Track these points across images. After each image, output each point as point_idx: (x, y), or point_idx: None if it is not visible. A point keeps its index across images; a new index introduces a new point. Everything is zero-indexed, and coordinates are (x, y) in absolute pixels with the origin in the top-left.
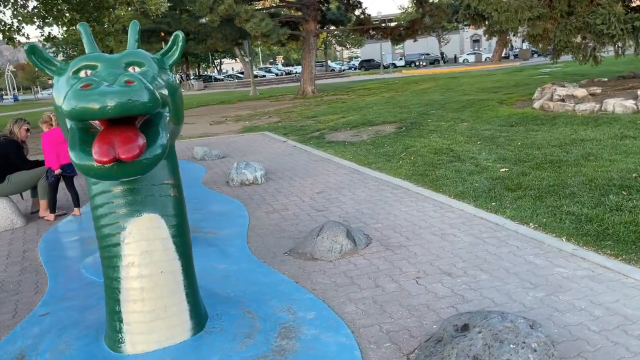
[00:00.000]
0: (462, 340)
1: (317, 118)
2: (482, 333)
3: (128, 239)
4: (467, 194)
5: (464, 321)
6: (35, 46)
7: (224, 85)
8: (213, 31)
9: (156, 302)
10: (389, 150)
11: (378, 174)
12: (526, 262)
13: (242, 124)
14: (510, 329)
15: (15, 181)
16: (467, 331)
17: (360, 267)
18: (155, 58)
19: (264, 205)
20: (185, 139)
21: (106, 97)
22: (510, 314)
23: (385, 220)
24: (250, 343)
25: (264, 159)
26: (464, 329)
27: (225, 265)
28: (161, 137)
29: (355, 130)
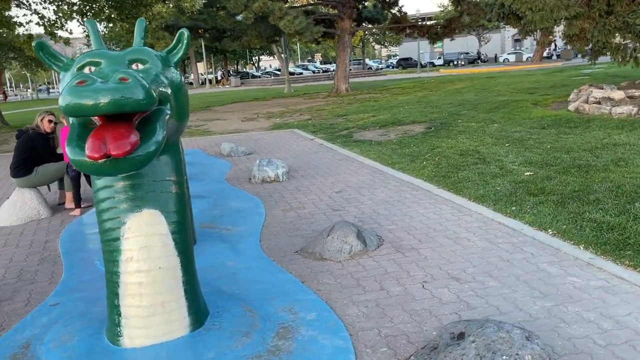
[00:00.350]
0: (455, 349)
1: (347, 116)
2: (475, 342)
3: (128, 234)
4: (487, 197)
5: (460, 329)
6: (43, 42)
7: (260, 82)
8: (248, 28)
9: (154, 298)
10: (414, 150)
11: (400, 174)
12: (539, 270)
13: (273, 121)
14: (504, 340)
15: (42, 173)
16: (462, 340)
17: (368, 268)
18: (160, 55)
19: (282, 203)
20: (215, 135)
21: (99, 93)
22: (507, 324)
23: (401, 222)
24: (246, 342)
25: (289, 156)
26: (460, 337)
27: (234, 262)
28: (157, 134)
29: (384, 129)
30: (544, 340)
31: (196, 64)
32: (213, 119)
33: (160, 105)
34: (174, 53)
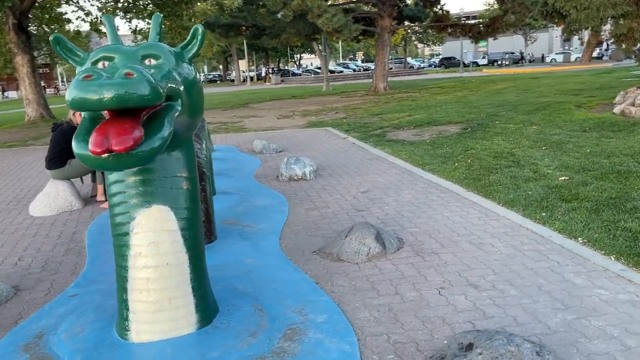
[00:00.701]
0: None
1: (382, 115)
2: (482, 355)
3: (137, 229)
4: (517, 202)
5: (469, 340)
6: (59, 37)
7: (300, 80)
8: (287, 26)
9: (161, 294)
10: (447, 151)
11: (430, 175)
12: (564, 280)
13: (308, 119)
14: (512, 354)
15: (75, 165)
16: (469, 351)
17: (385, 272)
18: (174, 51)
19: (306, 201)
20: (250, 132)
21: (104, 88)
22: (518, 337)
23: (424, 224)
24: (252, 342)
25: (319, 154)
26: (468, 348)
27: (251, 260)
28: (163, 130)
29: (419, 129)
30: (559, 355)
31: (238, 62)
32: (250, 115)
33: (171, 101)
34: (189, 49)
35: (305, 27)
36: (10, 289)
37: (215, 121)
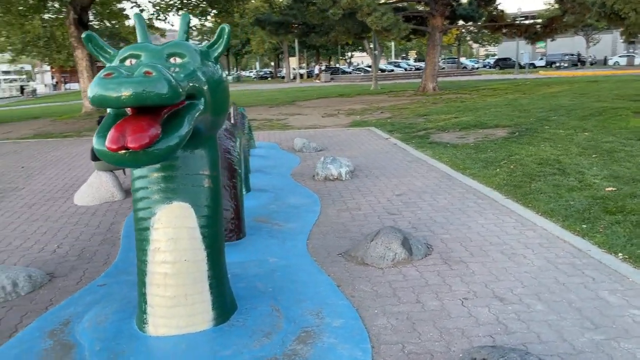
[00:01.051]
0: None
1: (428, 116)
2: None
3: (157, 225)
4: (557, 212)
5: (483, 355)
6: (91, 34)
7: (349, 79)
8: (336, 24)
9: (178, 289)
10: (490, 156)
11: (469, 180)
12: (597, 298)
13: (352, 118)
14: None
15: None
16: None
17: (409, 279)
18: (199, 50)
19: (339, 202)
20: (293, 130)
21: (122, 86)
22: (534, 356)
23: (456, 231)
24: (265, 342)
25: (359, 154)
26: None
27: (276, 260)
28: (181, 129)
29: (464, 132)
30: None
31: (289, 59)
32: (295, 113)
33: (194, 100)
34: (215, 48)
35: (354, 26)
36: (45, 275)
37: (260, 118)
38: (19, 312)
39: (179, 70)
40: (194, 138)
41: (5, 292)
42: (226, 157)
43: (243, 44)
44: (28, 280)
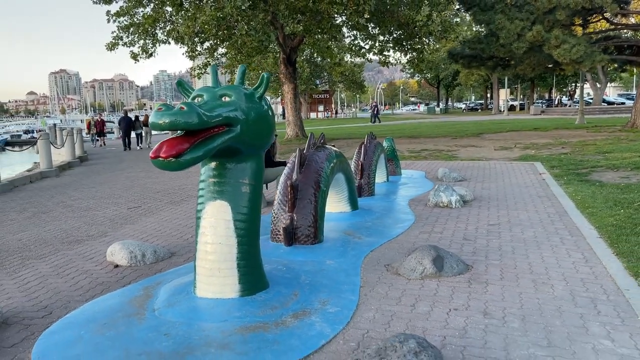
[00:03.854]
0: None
1: (609, 154)
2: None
3: (205, 215)
4: (637, 253)
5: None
6: (181, 80)
7: (562, 112)
8: (522, 57)
9: (213, 264)
10: (630, 197)
11: (579, 218)
12: (580, 327)
13: (526, 152)
14: (394, 348)
15: None
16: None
17: (425, 290)
18: (244, 92)
19: (428, 225)
20: (457, 160)
21: (164, 116)
22: (424, 342)
23: (510, 260)
24: (268, 313)
25: (494, 186)
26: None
27: (332, 262)
28: (207, 146)
29: (635, 171)
30: None
31: (498, 90)
32: (470, 145)
33: (231, 127)
34: (258, 90)
35: (541, 59)
36: (167, 252)
37: (432, 148)
38: (138, 274)
39: (221, 105)
40: (236, 155)
41: (137, 260)
42: (315, 177)
43: (453, 76)
44: (153, 254)
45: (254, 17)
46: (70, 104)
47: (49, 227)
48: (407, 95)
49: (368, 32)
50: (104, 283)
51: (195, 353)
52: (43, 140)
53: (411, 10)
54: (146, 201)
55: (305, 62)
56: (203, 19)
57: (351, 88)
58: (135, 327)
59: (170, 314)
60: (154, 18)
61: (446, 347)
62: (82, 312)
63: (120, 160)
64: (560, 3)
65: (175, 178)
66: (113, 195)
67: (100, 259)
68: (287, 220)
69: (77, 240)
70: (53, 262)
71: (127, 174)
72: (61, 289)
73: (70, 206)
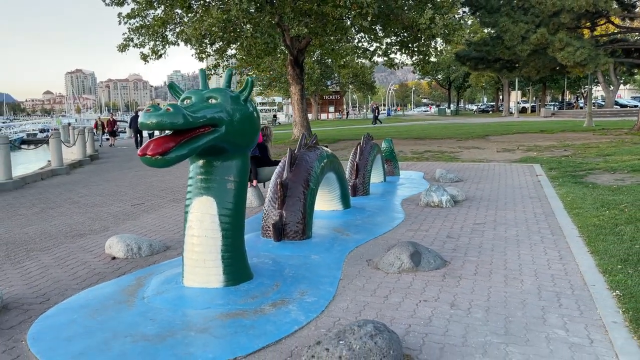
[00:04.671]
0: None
1: (610, 157)
2: (333, 332)
3: (192, 210)
4: (609, 251)
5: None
6: (172, 83)
7: (573, 114)
8: (527, 59)
9: (199, 255)
10: (618, 199)
11: (564, 218)
12: (539, 318)
13: (528, 154)
14: (353, 331)
15: (261, 173)
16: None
17: (400, 282)
18: (230, 94)
19: (415, 224)
20: (458, 162)
21: (151, 117)
22: (382, 326)
23: (487, 257)
24: (249, 301)
25: (487, 187)
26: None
27: (316, 257)
28: (192, 145)
29: (632, 174)
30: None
31: (509, 93)
32: (474, 147)
33: (216, 127)
34: (243, 93)
35: (545, 61)
36: (162, 246)
37: (436, 150)
38: (133, 265)
39: (207, 106)
40: (222, 153)
41: (133, 252)
42: (304, 176)
43: (464, 78)
44: (149, 247)
45: (260, 19)
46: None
47: (55, 222)
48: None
49: (374, 34)
50: (101, 273)
51: (176, 336)
52: (54, 139)
53: (415, 13)
54: (150, 198)
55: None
56: (209, 21)
57: (362, 89)
58: (124, 313)
59: (157, 301)
60: (164, 20)
61: (409, 334)
62: (76, 299)
63: (130, 159)
64: (565, 6)
65: (180, 177)
66: (119, 192)
67: (99, 251)
68: (277, 217)
69: (80, 234)
70: (55, 254)
71: (134, 172)
72: (60, 279)
73: (77, 202)
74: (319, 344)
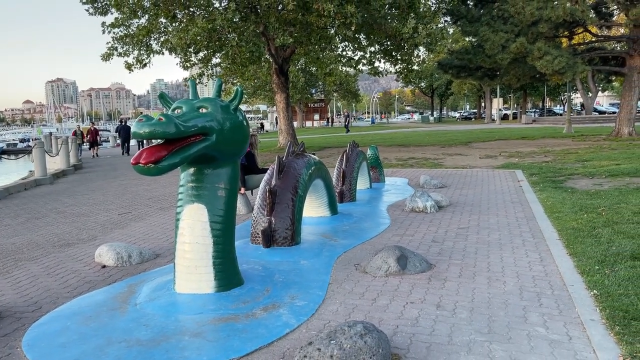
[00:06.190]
0: (333, 334)
1: (588, 162)
2: (325, 332)
3: (183, 216)
4: (587, 253)
5: (343, 325)
6: (163, 93)
7: (553, 121)
8: (508, 68)
9: (191, 262)
10: (596, 203)
11: (545, 222)
12: (521, 317)
13: (510, 160)
14: (343, 331)
15: (249, 180)
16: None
17: (387, 286)
18: (221, 104)
19: (401, 229)
20: (442, 168)
21: (143, 126)
22: (371, 326)
23: (471, 260)
24: (241, 306)
25: (471, 193)
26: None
27: (305, 262)
28: (184, 153)
29: (610, 179)
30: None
31: (491, 100)
32: (456, 153)
33: (207, 135)
34: (233, 102)
35: (525, 69)
36: (152, 254)
37: (420, 156)
38: (124, 273)
39: (198, 115)
40: (212, 161)
41: (123, 260)
42: (293, 183)
43: (446, 85)
44: (139, 255)
45: (244, 28)
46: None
47: (41, 232)
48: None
49: (358, 43)
50: (91, 282)
51: (170, 340)
52: (38, 149)
53: (398, 23)
54: (137, 207)
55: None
56: (194, 30)
57: (346, 97)
58: (117, 319)
59: (150, 307)
60: (148, 29)
61: (397, 334)
62: (69, 307)
63: (114, 169)
64: (543, 16)
65: (167, 185)
66: (105, 201)
67: (89, 260)
68: (266, 224)
69: (68, 244)
70: (44, 263)
71: (120, 182)
72: (51, 287)
73: (62, 212)
74: (311, 344)
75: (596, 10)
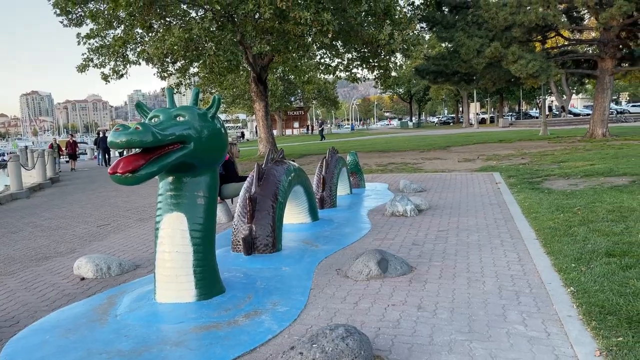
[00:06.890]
0: (314, 338)
1: (564, 163)
2: (307, 336)
3: (162, 225)
4: (563, 251)
5: (325, 328)
6: (139, 102)
7: (529, 124)
8: (484, 72)
9: (171, 271)
10: (571, 202)
11: (523, 222)
12: (500, 316)
13: (488, 163)
14: (325, 335)
15: (226, 189)
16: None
17: (369, 289)
18: (199, 112)
19: (382, 233)
20: (420, 173)
21: (121, 136)
22: (354, 330)
23: (451, 261)
24: (223, 314)
25: (450, 196)
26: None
27: (287, 269)
28: (162, 162)
29: (585, 179)
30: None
31: (468, 104)
32: (436, 158)
33: (185, 144)
34: (211, 111)
35: (500, 73)
36: (132, 265)
37: (399, 161)
38: (104, 285)
39: (174, 124)
40: (191, 170)
41: (102, 272)
42: (273, 190)
43: (424, 91)
44: (118, 267)
45: (222, 37)
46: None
47: (18, 246)
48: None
49: (336, 50)
50: (70, 294)
51: (152, 350)
52: (13, 162)
53: (374, 30)
54: (116, 219)
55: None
56: (171, 40)
57: (325, 104)
58: (97, 331)
59: (131, 318)
60: (124, 40)
61: (379, 336)
62: (47, 320)
63: (92, 181)
64: (516, 21)
65: (145, 196)
66: (83, 214)
67: (68, 273)
68: (247, 231)
69: (46, 257)
70: (21, 277)
71: (98, 194)
72: (28, 301)
73: (40, 226)
74: (293, 348)
75: (567, 14)
